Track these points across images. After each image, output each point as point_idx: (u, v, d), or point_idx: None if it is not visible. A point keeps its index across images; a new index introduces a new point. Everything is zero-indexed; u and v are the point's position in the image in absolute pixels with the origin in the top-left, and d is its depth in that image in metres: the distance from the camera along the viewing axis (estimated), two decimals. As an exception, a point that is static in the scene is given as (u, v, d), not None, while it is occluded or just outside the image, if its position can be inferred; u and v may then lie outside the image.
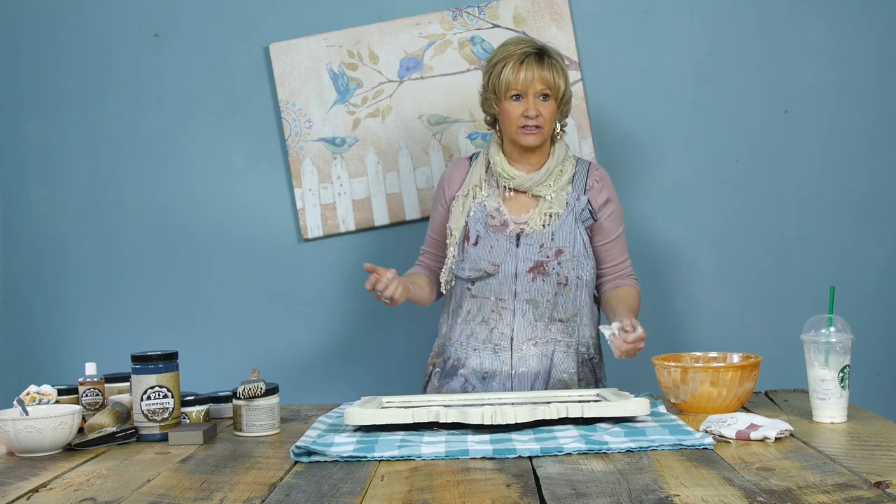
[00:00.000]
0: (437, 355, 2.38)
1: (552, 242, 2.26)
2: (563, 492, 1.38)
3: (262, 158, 2.86)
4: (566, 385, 2.27)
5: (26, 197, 2.89)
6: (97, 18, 2.86)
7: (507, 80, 2.24)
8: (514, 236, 2.27)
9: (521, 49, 2.26)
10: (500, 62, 2.26)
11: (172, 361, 1.90)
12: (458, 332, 2.31)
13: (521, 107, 2.25)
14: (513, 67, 2.24)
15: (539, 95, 2.25)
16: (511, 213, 2.30)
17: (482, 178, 2.34)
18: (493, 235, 2.28)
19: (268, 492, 1.45)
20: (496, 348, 2.27)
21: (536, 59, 2.25)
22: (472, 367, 2.28)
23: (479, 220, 2.29)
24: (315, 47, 2.82)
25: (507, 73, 2.24)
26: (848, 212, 2.80)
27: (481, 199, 2.32)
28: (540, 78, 2.24)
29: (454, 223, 2.32)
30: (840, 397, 1.82)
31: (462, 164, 2.40)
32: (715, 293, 2.82)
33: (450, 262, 2.33)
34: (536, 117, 2.24)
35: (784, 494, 1.34)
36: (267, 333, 2.88)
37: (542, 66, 2.24)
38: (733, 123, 2.81)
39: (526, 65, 2.24)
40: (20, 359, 2.90)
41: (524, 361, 2.26)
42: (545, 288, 2.26)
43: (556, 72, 2.25)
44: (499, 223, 2.29)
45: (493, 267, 2.26)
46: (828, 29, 2.79)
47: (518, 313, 2.26)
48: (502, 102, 2.27)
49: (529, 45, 2.28)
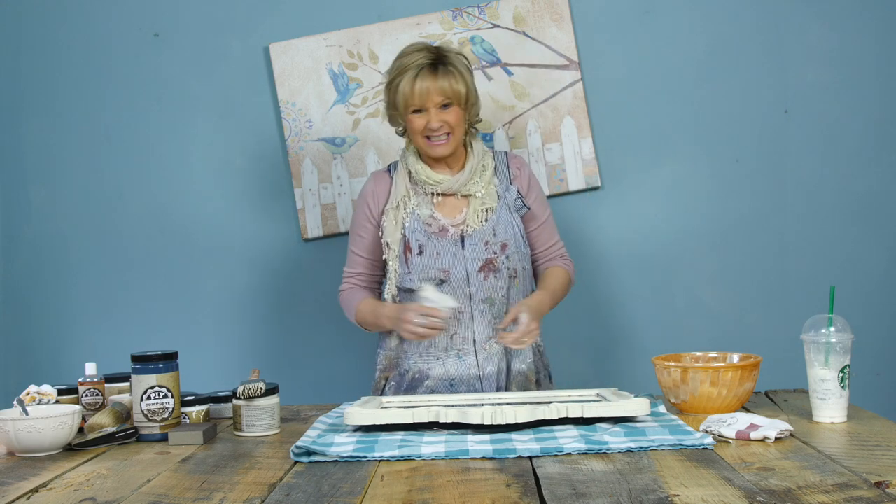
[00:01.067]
0: (387, 369, 2.33)
1: (495, 238, 2.26)
2: (563, 492, 1.38)
3: (262, 158, 2.86)
4: (525, 376, 2.29)
5: (26, 197, 2.89)
6: (97, 18, 2.86)
7: (404, 96, 2.20)
8: (457, 239, 2.25)
9: (415, 61, 2.20)
10: (397, 77, 2.22)
11: (172, 361, 1.90)
12: (416, 344, 2.27)
13: (424, 119, 2.21)
14: (408, 82, 2.19)
15: (439, 106, 2.21)
16: (445, 217, 2.28)
17: (408, 187, 2.30)
18: (436, 242, 2.25)
19: (268, 492, 1.45)
20: (460, 353, 2.25)
21: (431, 70, 2.19)
22: (437, 376, 2.26)
23: (417, 229, 2.26)
24: (315, 47, 2.82)
25: (403, 88, 2.20)
26: (848, 212, 2.81)
27: (412, 208, 2.29)
28: (437, 89, 2.19)
29: (390, 237, 2.27)
30: (840, 397, 1.82)
31: (382, 178, 2.35)
32: (715, 293, 2.82)
33: (393, 278, 2.27)
34: (440, 127, 2.21)
35: (784, 494, 1.34)
36: (267, 333, 2.88)
37: (437, 76, 2.19)
38: (733, 123, 2.81)
39: (420, 78, 2.19)
40: (20, 359, 2.90)
41: (489, 360, 2.26)
42: (498, 284, 2.25)
43: (453, 78, 2.20)
44: (437, 229, 2.27)
45: (443, 273, 2.24)
46: (828, 29, 2.79)
47: (476, 314, 2.25)
48: (405, 117, 2.24)
49: (424, 54, 2.21)
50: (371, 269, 2.36)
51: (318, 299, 2.86)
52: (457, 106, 2.22)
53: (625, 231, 2.82)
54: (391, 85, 2.24)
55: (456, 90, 2.20)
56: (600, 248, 2.81)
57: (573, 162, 2.79)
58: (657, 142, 2.82)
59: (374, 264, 2.36)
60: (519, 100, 2.78)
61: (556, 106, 2.79)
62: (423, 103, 2.20)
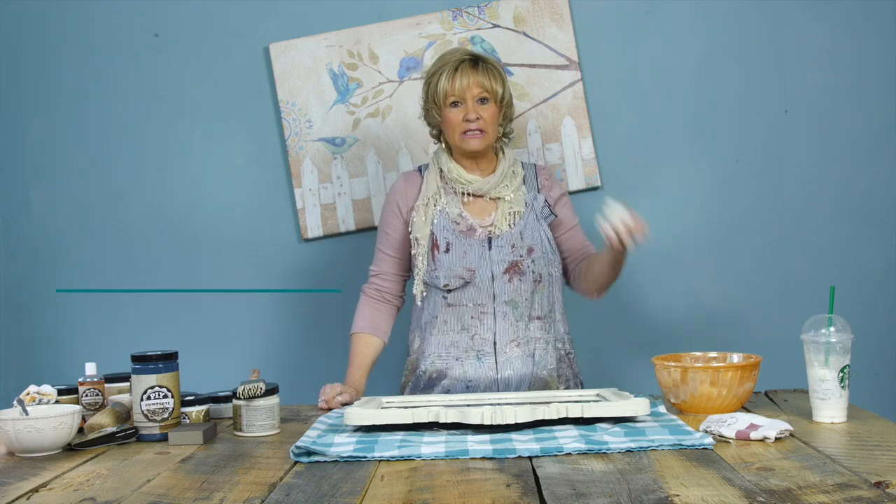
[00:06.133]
0: (410, 373, 2.36)
1: (522, 241, 2.29)
2: (563, 492, 1.38)
3: (262, 158, 2.86)
4: (546, 383, 2.29)
5: (26, 197, 2.89)
6: (97, 18, 2.86)
7: (444, 88, 2.27)
8: (485, 240, 2.28)
9: (455, 57, 2.29)
10: (437, 72, 2.30)
11: (172, 361, 1.90)
12: (436, 344, 2.29)
13: (461, 112, 2.27)
14: (448, 75, 2.27)
15: (477, 99, 2.27)
16: (473, 217, 2.32)
17: (439, 185, 2.34)
18: (463, 241, 2.28)
19: (268, 492, 1.45)
20: (479, 355, 2.27)
21: (471, 65, 2.28)
22: (455, 376, 2.27)
23: (446, 227, 2.29)
24: (315, 47, 2.82)
25: (443, 81, 2.27)
26: (848, 212, 2.80)
27: (442, 206, 2.32)
28: (476, 82, 2.26)
29: (419, 232, 2.30)
30: (840, 397, 1.82)
31: (413, 177, 2.40)
32: (715, 293, 2.82)
33: (421, 273, 2.30)
34: (477, 120, 2.26)
35: (784, 494, 1.34)
36: (267, 333, 2.88)
37: (478, 71, 2.28)
38: (733, 123, 2.81)
39: (461, 71, 2.27)
40: (20, 359, 2.90)
41: (509, 364, 2.27)
42: (522, 287, 2.27)
43: (492, 76, 2.28)
44: (465, 228, 2.30)
45: (469, 273, 2.26)
46: (828, 29, 2.79)
47: (499, 316, 2.26)
48: (443, 111, 2.29)
49: (464, 53, 2.32)
50: (396, 267, 2.39)
51: (318, 299, 2.85)
52: (493, 103, 2.29)
53: (625, 231, 2.82)
54: (431, 79, 2.31)
55: (493, 87, 2.28)
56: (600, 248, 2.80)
57: (573, 162, 2.79)
58: (657, 142, 2.82)
59: (399, 263, 2.38)
60: (519, 100, 2.78)
61: (556, 106, 2.79)
62: (461, 94, 2.26)
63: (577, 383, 2.37)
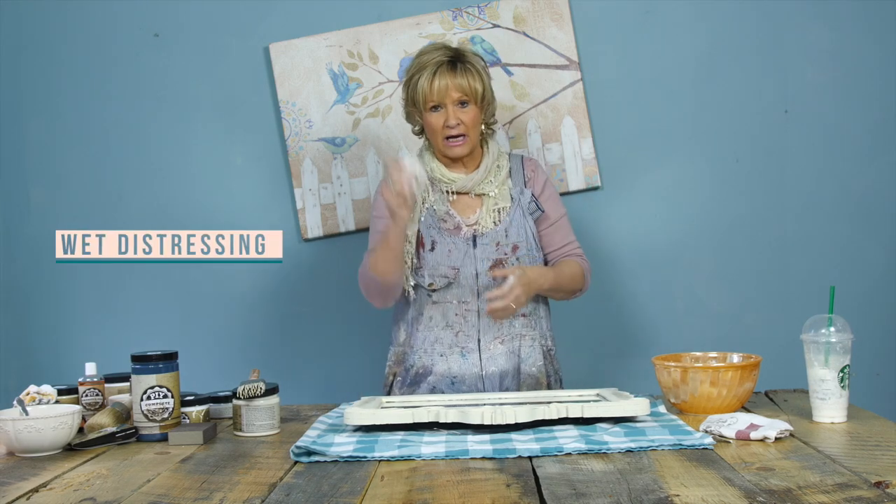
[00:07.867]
0: (396, 364, 2.35)
1: (507, 239, 2.28)
2: (563, 492, 1.38)
3: (262, 158, 2.86)
4: (536, 379, 2.28)
5: (26, 197, 2.89)
6: (98, 18, 2.86)
7: (423, 92, 2.24)
8: (469, 238, 2.28)
9: (434, 59, 2.25)
10: (416, 74, 2.27)
11: (172, 361, 1.90)
12: (421, 340, 2.29)
13: (441, 117, 2.25)
14: (427, 78, 2.24)
15: (457, 103, 2.25)
16: (460, 215, 2.31)
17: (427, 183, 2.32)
18: (448, 239, 2.28)
19: (268, 492, 1.45)
20: (463, 351, 2.27)
21: (449, 68, 2.24)
22: (440, 372, 2.27)
23: (432, 225, 2.29)
24: (315, 47, 2.82)
25: (422, 84, 2.24)
26: (848, 212, 2.80)
27: (430, 203, 2.31)
28: (455, 86, 2.23)
29: (408, 229, 2.27)
30: (840, 397, 1.82)
31: None
32: (715, 293, 2.82)
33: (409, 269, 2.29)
34: (458, 125, 2.24)
35: (784, 494, 1.34)
36: (267, 333, 2.88)
37: (456, 74, 2.24)
38: (733, 123, 2.81)
39: (439, 74, 2.23)
40: (20, 359, 2.89)
41: (493, 361, 2.27)
42: None
43: (471, 76, 2.25)
44: (452, 227, 2.29)
45: (453, 272, 2.25)
46: (828, 29, 2.79)
47: (483, 313, 2.26)
48: (423, 114, 2.28)
49: (443, 52, 2.27)
50: None
51: (318, 299, 2.86)
52: (473, 104, 2.26)
53: (625, 231, 2.82)
54: (410, 82, 2.28)
55: (473, 88, 2.24)
56: (600, 248, 2.80)
57: (573, 162, 2.79)
58: (657, 142, 2.82)
59: None
60: (519, 100, 2.78)
61: (555, 106, 2.79)
62: (440, 100, 2.24)
63: (557, 380, 2.37)
